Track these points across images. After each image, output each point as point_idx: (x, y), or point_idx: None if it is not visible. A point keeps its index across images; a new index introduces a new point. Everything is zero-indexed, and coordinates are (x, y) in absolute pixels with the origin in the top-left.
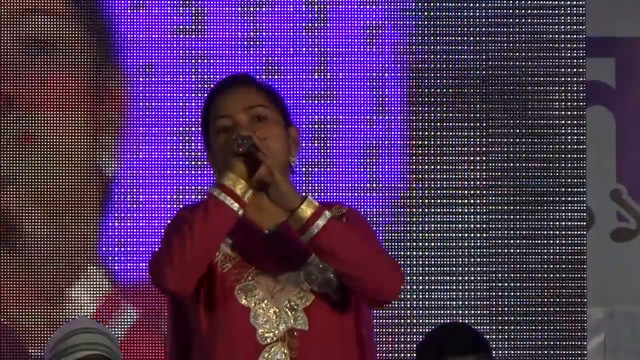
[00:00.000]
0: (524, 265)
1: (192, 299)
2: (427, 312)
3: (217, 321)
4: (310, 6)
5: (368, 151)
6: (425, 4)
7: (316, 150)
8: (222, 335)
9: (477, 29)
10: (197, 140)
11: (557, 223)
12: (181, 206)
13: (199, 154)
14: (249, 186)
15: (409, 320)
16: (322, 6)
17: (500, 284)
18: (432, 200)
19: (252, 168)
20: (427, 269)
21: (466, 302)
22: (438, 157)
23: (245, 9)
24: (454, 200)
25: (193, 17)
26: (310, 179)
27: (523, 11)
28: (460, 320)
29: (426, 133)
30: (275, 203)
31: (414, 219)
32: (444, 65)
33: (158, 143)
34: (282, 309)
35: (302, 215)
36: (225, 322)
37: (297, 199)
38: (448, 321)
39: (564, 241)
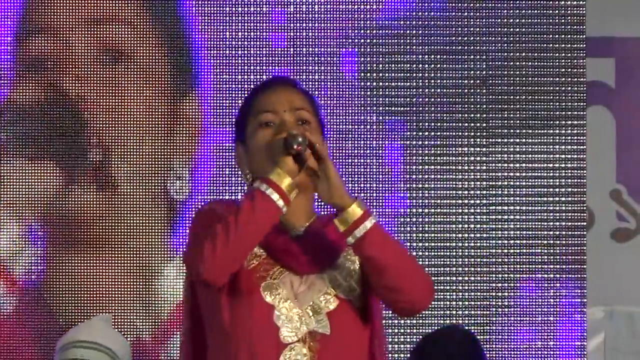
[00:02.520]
0: (524, 265)
1: (215, 293)
2: (427, 312)
3: (241, 316)
4: (310, 6)
5: (368, 151)
6: (426, 4)
7: None
8: (245, 330)
9: (477, 29)
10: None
11: (557, 223)
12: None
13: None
14: (295, 185)
15: (409, 321)
16: (322, 6)
17: (500, 284)
18: (432, 200)
19: (298, 166)
20: (427, 269)
21: (466, 302)
22: (438, 157)
23: (246, 8)
24: (454, 200)
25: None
26: None
27: (523, 11)
28: (460, 321)
29: (426, 133)
30: (323, 199)
31: (414, 219)
32: (444, 65)
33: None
34: (305, 311)
35: (352, 214)
36: (249, 317)
37: (349, 198)
38: (446, 323)
39: (564, 241)
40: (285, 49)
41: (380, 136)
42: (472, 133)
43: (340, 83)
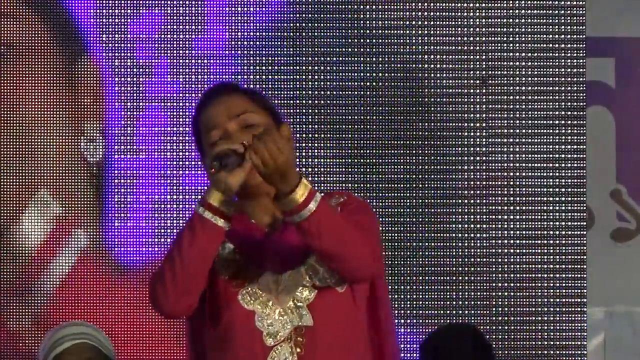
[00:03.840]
0: (524, 265)
1: (202, 310)
2: (427, 312)
3: (222, 329)
4: (310, 6)
5: (368, 151)
6: (425, 4)
7: (316, 150)
8: (228, 341)
9: (477, 29)
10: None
11: (557, 223)
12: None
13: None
14: (232, 203)
15: (409, 320)
16: (321, 6)
17: (500, 284)
18: (432, 200)
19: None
20: (427, 269)
21: (466, 302)
22: (438, 157)
23: (245, 9)
24: (454, 200)
25: (193, 17)
26: (310, 178)
27: (523, 11)
28: (460, 320)
29: (426, 133)
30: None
31: (414, 219)
32: (444, 66)
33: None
34: (287, 309)
35: (295, 198)
36: (231, 329)
37: (291, 182)
38: (446, 322)
39: (564, 241)
40: (286, 49)
41: (381, 136)
42: (472, 133)
43: (341, 82)
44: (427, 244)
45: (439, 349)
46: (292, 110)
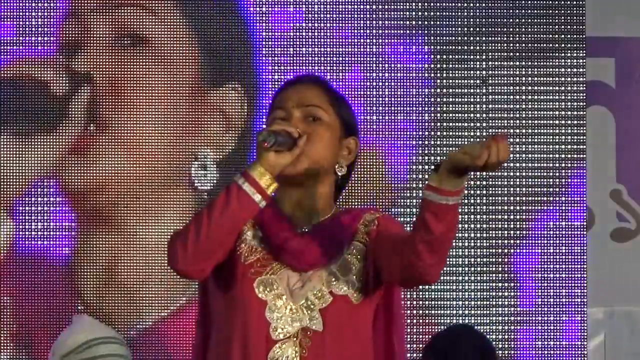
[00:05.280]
0: (524, 265)
1: (216, 287)
2: (427, 312)
3: (233, 311)
4: (310, 6)
5: (368, 151)
6: (426, 4)
7: None
8: (237, 325)
9: (477, 29)
10: None
11: (557, 223)
12: None
13: None
14: (274, 180)
15: (409, 320)
16: (322, 6)
17: (500, 284)
18: None
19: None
20: None
21: (466, 302)
22: (438, 157)
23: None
24: None
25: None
26: None
27: (523, 11)
28: (460, 320)
29: (426, 133)
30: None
31: (414, 219)
32: (444, 65)
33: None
34: (299, 307)
35: (460, 182)
36: (241, 313)
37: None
38: (446, 323)
39: (564, 241)
40: (286, 49)
41: (381, 136)
42: (472, 133)
43: (341, 83)
44: None
45: (444, 352)
46: None
